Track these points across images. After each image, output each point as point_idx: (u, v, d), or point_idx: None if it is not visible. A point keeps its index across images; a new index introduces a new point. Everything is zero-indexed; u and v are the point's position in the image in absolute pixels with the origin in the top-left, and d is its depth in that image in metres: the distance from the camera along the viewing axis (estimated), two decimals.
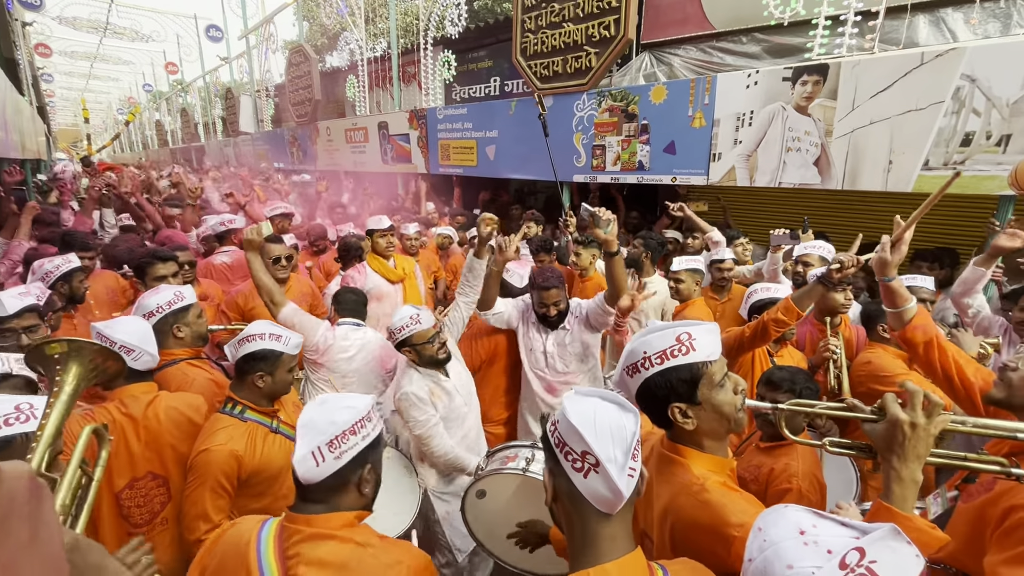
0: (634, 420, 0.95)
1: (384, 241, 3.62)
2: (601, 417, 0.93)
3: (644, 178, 4.36)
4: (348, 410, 1.17)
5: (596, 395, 0.99)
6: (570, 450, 0.92)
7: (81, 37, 19.01)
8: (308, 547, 1.11)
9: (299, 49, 9.19)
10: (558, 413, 0.97)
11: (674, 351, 1.17)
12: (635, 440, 0.92)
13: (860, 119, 3.25)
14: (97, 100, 31.16)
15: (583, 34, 4.53)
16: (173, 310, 2.15)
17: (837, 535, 0.74)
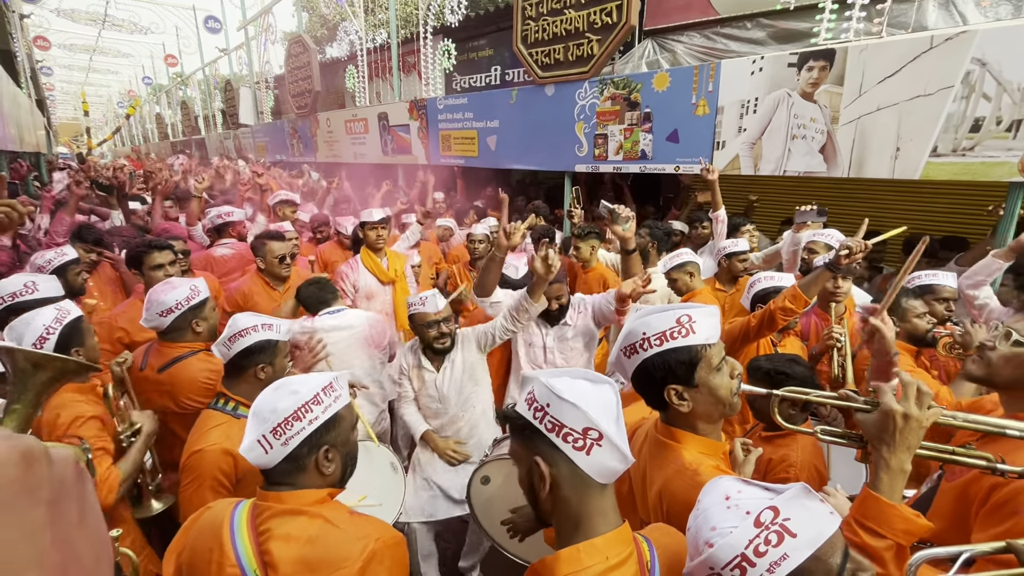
0: (611, 389, 0.96)
1: (374, 234, 3.53)
2: (587, 391, 0.93)
3: (647, 167, 4.31)
4: (291, 396, 1.18)
5: (564, 375, 0.98)
6: (570, 430, 0.91)
7: (80, 30, 18.91)
8: (278, 523, 1.14)
9: (298, 40, 9.11)
10: (540, 397, 0.94)
11: (674, 333, 1.17)
12: (619, 408, 0.95)
13: (867, 105, 3.19)
14: (97, 94, 31.08)
15: (585, 21, 4.45)
16: (191, 306, 2.14)
17: (756, 498, 0.81)
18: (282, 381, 1.23)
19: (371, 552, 1.13)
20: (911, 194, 4.39)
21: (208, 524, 1.19)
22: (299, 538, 1.12)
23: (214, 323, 2.26)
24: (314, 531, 1.13)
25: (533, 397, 0.96)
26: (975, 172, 2.87)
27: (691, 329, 1.17)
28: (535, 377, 0.98)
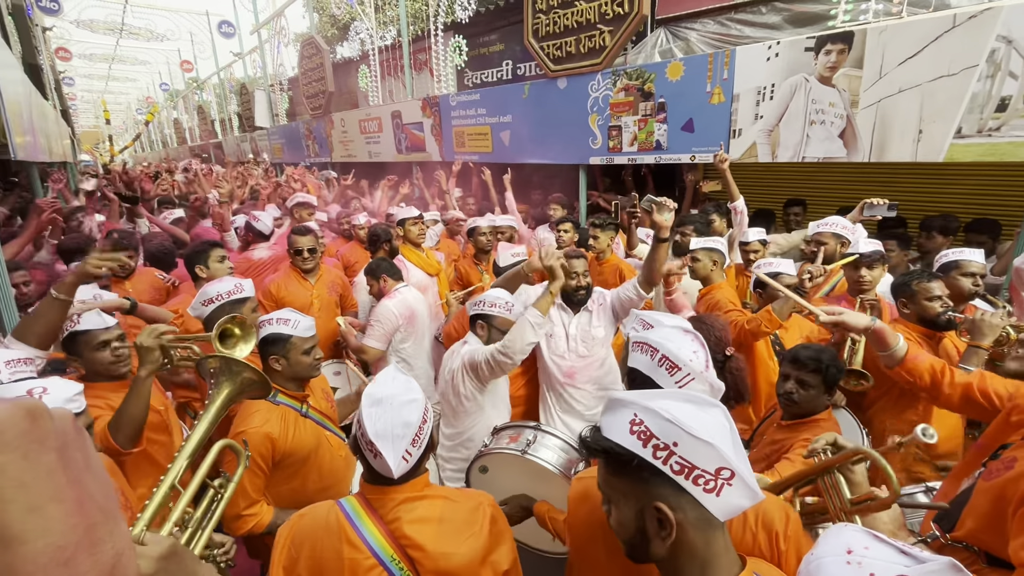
0: (722, 413, 0.87)
1: (416, 229, 3.74)
2: (708, 422, 0.83)
3: (662, 158, 4.29)
4: (412, 404, 1.24)
5: (668, 399, 0.87)
6: (702, 472, 0.80)
7: (98, 39, 19.30)
8: (405, 510, 1.25)
9: (311, 41, 9.20)
10: (661, 433, 0.81)
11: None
12: (735, 433, 0.85)
13: (888, 88, 3.13)
14: (117, 101, 31.75)
15: (596, 12, 4.43)
16: (231, 300, 2.27)
17: (887, 560, 0.68)
18: (377, 395, 1.24)
19: (489, 516, 1.31)
20: (935, 177, 4.29)
21: (321, 529, 1.25)
22: (431, 518, 1.25)
23: (252, 322, 2.33)
24: (439, 509, 1.27)
25: (649, 432, 0.83)
26: (1002, 153, 2.81)
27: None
28: (636, 403, 0.86)
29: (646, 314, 1.60)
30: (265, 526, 1.82)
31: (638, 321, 1.60)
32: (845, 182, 4.82)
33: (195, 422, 1.18)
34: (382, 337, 3.05)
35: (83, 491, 0.34)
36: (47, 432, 0.33)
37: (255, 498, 1.80)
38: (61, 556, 0.32)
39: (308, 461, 1.92)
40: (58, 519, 0.32)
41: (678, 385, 1.27)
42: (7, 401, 0.33)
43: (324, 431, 2.04)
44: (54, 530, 0.32)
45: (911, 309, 2.34)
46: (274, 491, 1.90)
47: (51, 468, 0.32)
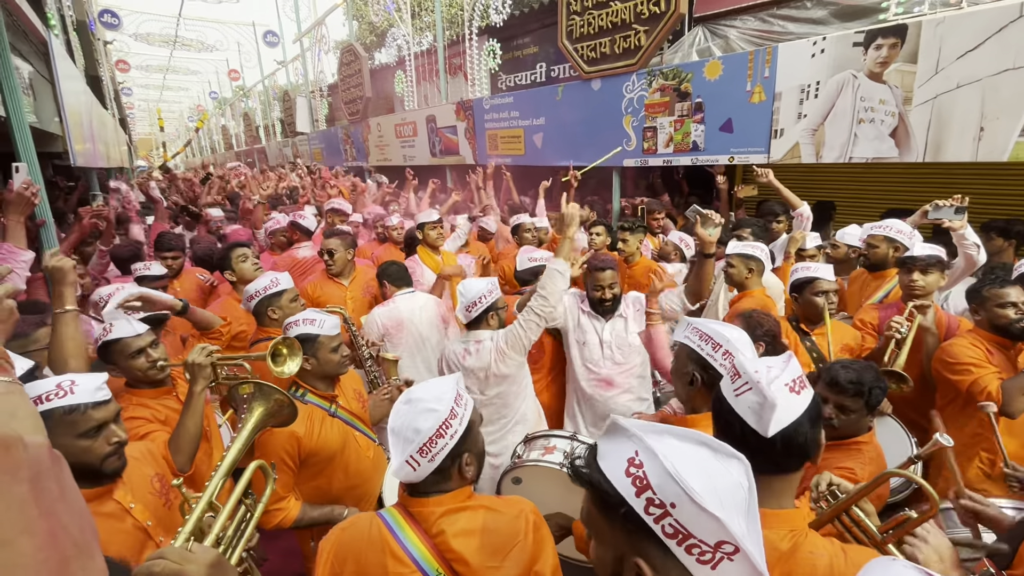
0: (742, 468, 0.75)
1: (435, 233, 3.77)
2: (719, 482, 0.72)
3: (699, 159, 4.17)
4: (431, 414, 1.19)
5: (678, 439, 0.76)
6: (698, 542, 0.70)
7: (154, 51, 20.41)
8: (448, 522, 1.23)
9: (349, 48, 9.44)
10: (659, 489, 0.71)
11: None
12: (753, 495, 0.75)
13: (945, 83, 2.95)
14: (170, 109, 33.47)
15: (631, 12, 4.36)
16: (268, 294, 2.45)
17: None
18: (413, 395, 1.25)
19: (532, 523, 1.29)
20: (997, 178, 4.01)
21: (364, 542, 1.24)
22: (474, 530, 1.23)
23: (291, 313, 2.41)
24: (482, 520, 1.25)
25: (646, 481, 0.72)
26: None
27: None
28: (634, 434, 0.75)
29: (700, 322, 1.55)
30: (292, 520, 1.86)
31: (692, 330, 1.55)
32: (894, 183, 4.57)
33: (229, 443, 1.22)
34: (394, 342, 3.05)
35: (56, 523, 0.33)
36: (19, 463, 0.32)
37: (282, 493, 1.84)
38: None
39: (334, 460, 1.96)
40: (28, 554, 0.30)
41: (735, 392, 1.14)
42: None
43: (353, 431, 2.06)
44: (24, 565, 0.30)
45: (982, 316, 2.20)
46: (301, 487, 1.94)
47: (23, 500, 0.31)
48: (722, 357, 1.45)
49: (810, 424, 1.08)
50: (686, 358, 1.54)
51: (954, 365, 2.16)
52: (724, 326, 1.52)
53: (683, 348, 1.57)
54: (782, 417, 1.05)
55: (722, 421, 1.15)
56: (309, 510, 1.90)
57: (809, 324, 2.51)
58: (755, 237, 3.37)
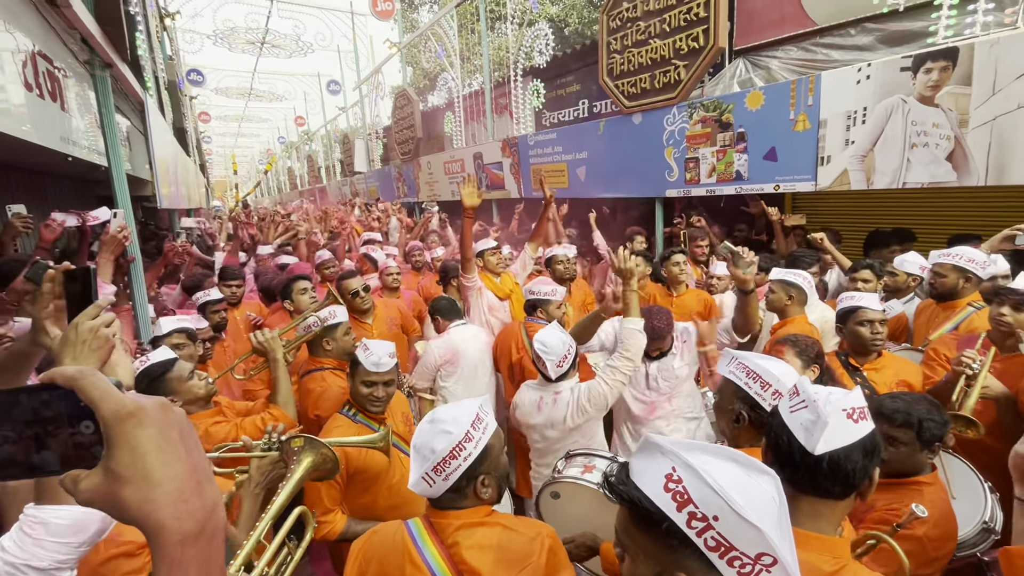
0: (772, 482, 0.77)
1: (495, 259, 3.99)
2: (756, 496, 0.73)
3: (743, 188, 4.13)
4: (445, 436, 1.29)
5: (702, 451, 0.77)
6: (740, 555, 0.71)
7: (232, 103, 22.53)
8: (464, 535, 1.30)
9: (403, 93, 10.07)
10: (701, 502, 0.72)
11: None
12: (784, 509, 0.76)
13: (1005, 104, 2.82)
14: (243, 154, 36.47)
15: (671, 48, 4.46)
16: (325, 326, 2.63)
17: None
18: (436, 415, 1.36)
19: (548, 547, 1.33)
20: None
21: (388, 546, 1.35)
22: (489, 545, 1.29)
23: (345, 346, 2.64)
24: (497, 537, 1.31)
25: (687, 496, 0.73)
26: None
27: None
28: (670, 451, 0.77)
29: (745, 356, 1.54)
30: (338, 533, 1.97)
31: (737, 364, 1.54)
32: (955, 208, 4.33)
33: (279, 489, 1.36)
34: (422, 375, 3.20)
35: (193, 459, 0.49)
36: (173, 419, 0.49)
37: (330, 507, 1.96)
38: (181, 496, 0.47)
39: (379, 479, 2.05)
40: (180, 472, 0.47)
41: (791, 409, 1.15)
42: (147, 397, 0.49)
43: (399, 453, 2.16)
44: (178, 477, 0.47)
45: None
46: (349, 504, 2.05)
47: (175, 441, 0.48)
48: (772, 397, 1.44)
49: (862, 454, 1.07)
50: (732, 395, 1.53)
51: None
52: (773, 362, 1.49)
53: (728, 384, 1.55)
54: (832, 439, 1.05)
55: (772, 435, 1.16)
56: (354, 524, 2.00)
57: (859, 358, 2.39)
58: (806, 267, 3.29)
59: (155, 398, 0.49)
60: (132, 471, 0.45)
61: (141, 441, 0.46)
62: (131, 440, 0.45)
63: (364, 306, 3.55)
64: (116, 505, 0.46)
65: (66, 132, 3.18)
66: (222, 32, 13.90)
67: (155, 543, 0.46)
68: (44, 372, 0.48)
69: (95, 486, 0.46)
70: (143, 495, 0.45)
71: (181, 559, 0.46)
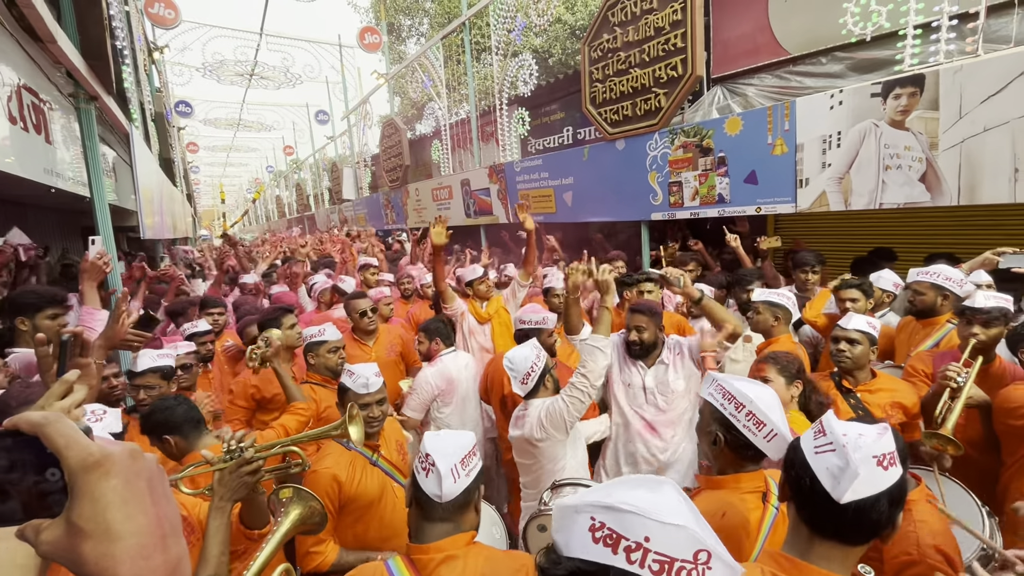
0: (673, 489, 0.81)
1: (484, 287, 4.05)
2: (668, 503, 0.77)
3: (725, 211, 4.21)
4: (465, 435, 1.39)
5: (621, 486, 0.80)
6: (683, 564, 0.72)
7: (220, 133, 22.64)
8: (447, 569, 1.26)
9: (391, 122, 10.22)
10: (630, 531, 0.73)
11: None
12: (693, 508, 0.80)
13: (971, 127, 2.93)
14: (231, 183, 36.51)
15: (650, 77, 4.59)
16: (310, 342, 2.86)
17: None
18: (438, 433, 1.43)
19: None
20: None
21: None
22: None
23: (327, 363, 2.82)
24: (481, 568, 1.27)
25: (615, 533, 0.74)
26: None
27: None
28: (590, 504, 0.77)
29: (724, 379, 1.53)
30: (329, 565, 1.91)
31: (716, 387, 1.53)
32: (932, 228, 4.45)
33: (266, 540, 1.34)
34: (418, 407, 3.11)
35: (160, 511, 0.47)
36: (142, 466, 0.47)
37: (322, 537, 1.89)
38: (144, 552, 0.44)
39: (371, 508, 2.00)
40: (143, 526, 0.45)
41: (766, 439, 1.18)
42: (117, 444, 0.47)
43: (391, 481, 2.11)
44: (141, 532, 0.45)
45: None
46: (340, 535, 1.99)
47: (142, 492, 0.46)
48: (746, 418, 1.44)
49: (889, 503, 1.02)
50: (710, 416, 1.53)
51: (1016, 410, 2.01)
52: (749, 384, 1.50)
53: (706, 405, 1.56)
54: (861, 489, 1.00)
55: (793, 474, 1.11)
56: (345, 555, 1.94)
57: (850, 379, 2.39)
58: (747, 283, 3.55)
59: (125, 444, 0.47)
60: (93, 524, 0.43)
61: (104, 493, 0.44)
62: (94, 492, 0.43)
63: (369, 327, 3.56)
64: (74, 560, 0.43)
65: (50, 164, 3.17)
66: (211, 65, 14.06)
67: None
68: (7, 418, 0.47)
69: (55, 538, 0.44)
70: (102, 550, 0.43)
71: None
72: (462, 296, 4.65)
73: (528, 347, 2.33)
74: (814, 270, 3.72)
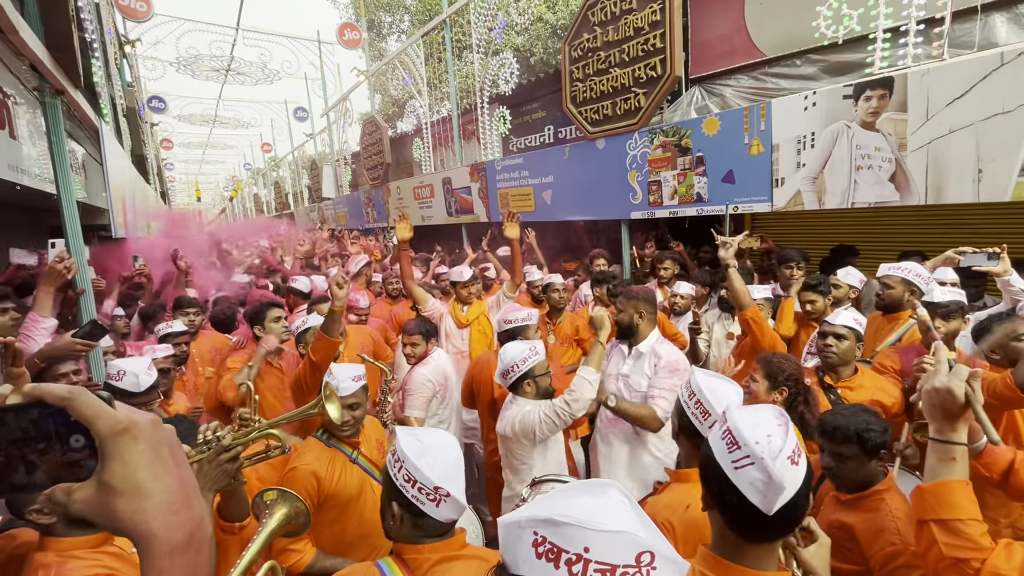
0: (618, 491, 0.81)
1: (466, 292, 4.02)
2: (604, 508, 0.77)
3: (703, 210, 4.27)
4: (453, 444, 1.36)
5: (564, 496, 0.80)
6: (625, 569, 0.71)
7: (195, 130, 22.11)
8: (440, 571, 1.23)
9: (371, 120, 10.10)
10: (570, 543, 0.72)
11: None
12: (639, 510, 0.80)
13: (937, 129, 3.02)
14: (208, 181, 35.71)
15: (630, 77, 4.63)
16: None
17: None
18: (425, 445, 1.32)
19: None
20: (1005, 216, 4.00)
21: None
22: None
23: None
24: (475, 570, 1.24)
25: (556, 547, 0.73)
26: None
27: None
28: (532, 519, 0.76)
29: (697, 372, 1.55)
30: (305, 565, 1.87)
31: (689, 379, 1.56)
32: (903, 227, 4.59)
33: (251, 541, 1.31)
34: (422, 405, 3.10)
35: (182, 472, 0.51)
36: (163, 435, 0.51)
37: (299, 536, 1.85)
38: (172, 507, 0.49)
39: (350, 506, 1.98)
40: (170, 485, 0.49)
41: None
42: (139, 412, 0.51)
43: (370, 479, 2.09)
44: (168, 490, 0.49)
45: (1001, 355, 2.16)
46: (317, 534, 1.96)
47: (165, 456, 0.50)
48: (694, 407, 1.48)
49: (806, 492, 1.04)
50: (676, 408, 1.58)
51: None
52: (714, 378, 1.52)
53: (678, 399, 1.60)
54: (788, 495, 1.00)
55: (716, 490, 1.09)
56: (323, 558, 1.91)
57: (832, 374, 2.42)
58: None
59: (146, 414, 0.51)
60: (125, 483, 0.47)
61: (134, 455, 0.48)
62: (124, 454, 0.48)
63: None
64: (109, 516, 0.48)
65: (15, 160, 3.06)
66: (185, 60, 13.71)
67: (145, 553, 0.48)
68: (29, 387, 0.48)
69: (88, 497, 0.48)
70: (135, 506, 0.47)
71: (170, 568, 0.48)
72: (443, 295, 4.65)
73: (523, 347, 2.36)
74: (799, 267, 3.81)
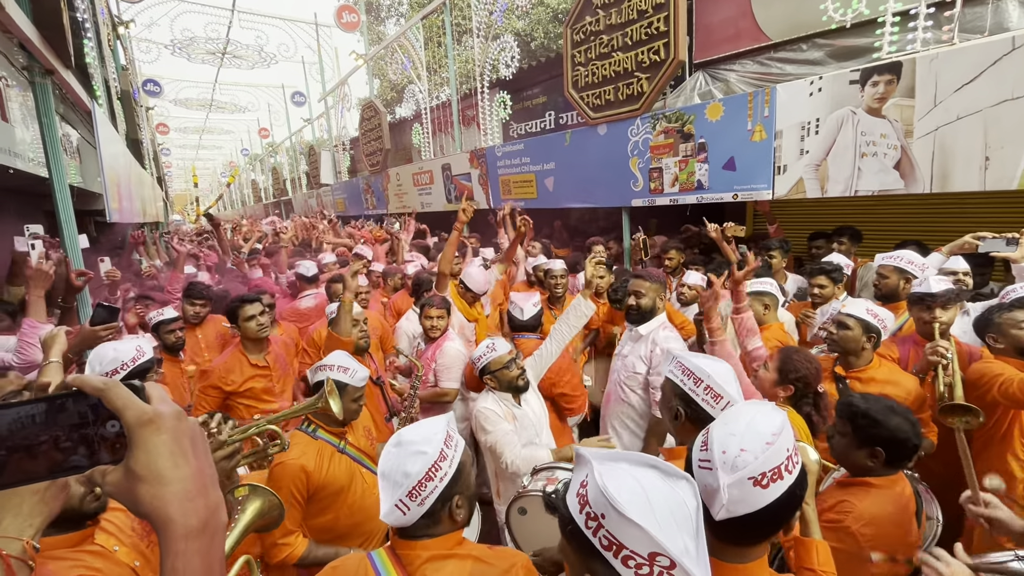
0: (689, 489, 0.80)
1: (471, 297, 3.98)
2: (655, 496, 0.76)
3: (704, 197, 4.23)
4: (420, 456, 1.19)
5: (624, 462, 0.82)
6: (631, 554, 0.73)
7: (192, 114, 21.88)
8: (433, 568, 1.20)
9: (370, 105, 9.98)
10: (593, 501, 0.78)
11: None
12: (699, 515, 0.77)
13: (945, 115, 2.97)
14: (204, 167, 35.41)
15: (633, 61, 4.55)
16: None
17: None
18: (403, 437, 1.26)
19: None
20: (1011, 204, 3.96)
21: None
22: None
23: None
24: (469, 571, 1.21)
25: (586, 498, 0.79)
26: None
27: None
28: (588, 460, 0.82)
29: (684, 356, 1.55)
30: (298, 557, 1.87)
31: (676, 364, 1.55)
32: (906, 215, 4.55)
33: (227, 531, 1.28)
34: (458, 377, 3.20)
35: (200, 462, 0.55)
36: (186, 427, 0.55)
37: (290, 528, 1.86)
38: (188, 495, 0.52)
39: (340, 496, 1.97)
40: (188, 474, 0.53)
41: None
42: (167, 404, 0.54)
43: (360, 467, 2.09)
44: (186, 479, 0.53)
45: (1004, 343, 2.15)
46: (308, 524, 1.96)
47: (186, 447, 0.54)
48: (704, 392, 1.46)
49: (773, 515, 0.98)
50: (671, 393, 1.56)
51: (981, 379, 2.07)
52: (706, 359, 1.52)
53: (667, 382, 1.59)
54: (735, 508, 0.97)
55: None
56: (315, 548, 1.91)
57: (845, 365, 2.37)
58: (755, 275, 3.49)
59: (173, 406, 0.55)
60: (147, 471, 0.51)
61: (156, 445, 0.52)
62: (147, 444, 0.52)
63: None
64: (132, 499, 0.51)
65: (7, 143, 3.00)
66: (180, 42, 13.50)
67: (163, 535, 0.51)
68: (70, 377, 0.52)
69: (117, 480, 0.52)
70: (154, 492, 0.51)
71: (186, 551, 0.51)
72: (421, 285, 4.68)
73: (495, 342, 2.42)
74: (784, 253, 3.83)
